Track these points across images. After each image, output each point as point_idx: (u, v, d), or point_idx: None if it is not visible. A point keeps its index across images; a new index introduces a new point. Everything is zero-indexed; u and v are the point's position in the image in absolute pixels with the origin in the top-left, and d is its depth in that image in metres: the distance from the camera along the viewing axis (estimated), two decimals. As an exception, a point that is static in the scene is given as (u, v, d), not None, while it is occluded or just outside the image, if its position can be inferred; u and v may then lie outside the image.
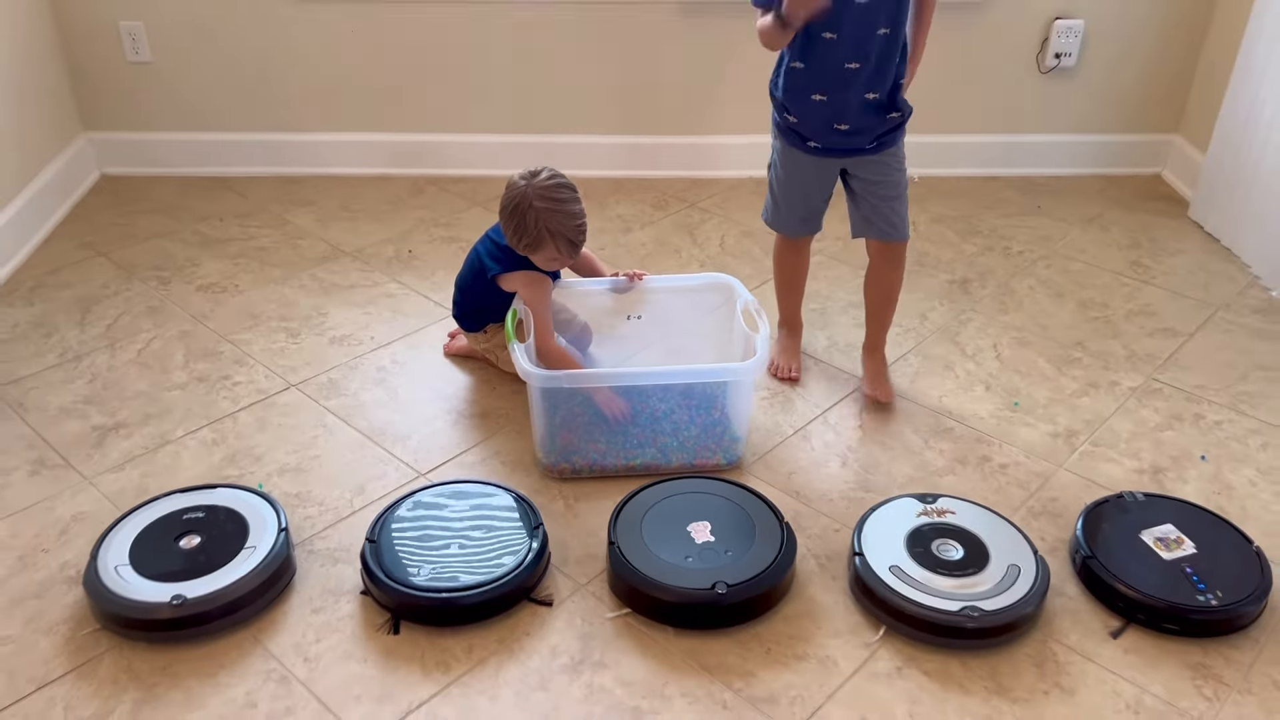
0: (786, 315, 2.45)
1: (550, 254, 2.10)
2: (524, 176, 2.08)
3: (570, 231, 2.07)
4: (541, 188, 2.05)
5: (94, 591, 1.71)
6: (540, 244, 2.07)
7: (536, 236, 2.06)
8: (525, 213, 2.04)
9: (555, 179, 2.08)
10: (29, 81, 2.95)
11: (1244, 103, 2.88)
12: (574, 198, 2.09)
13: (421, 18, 3.14)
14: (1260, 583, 1.77)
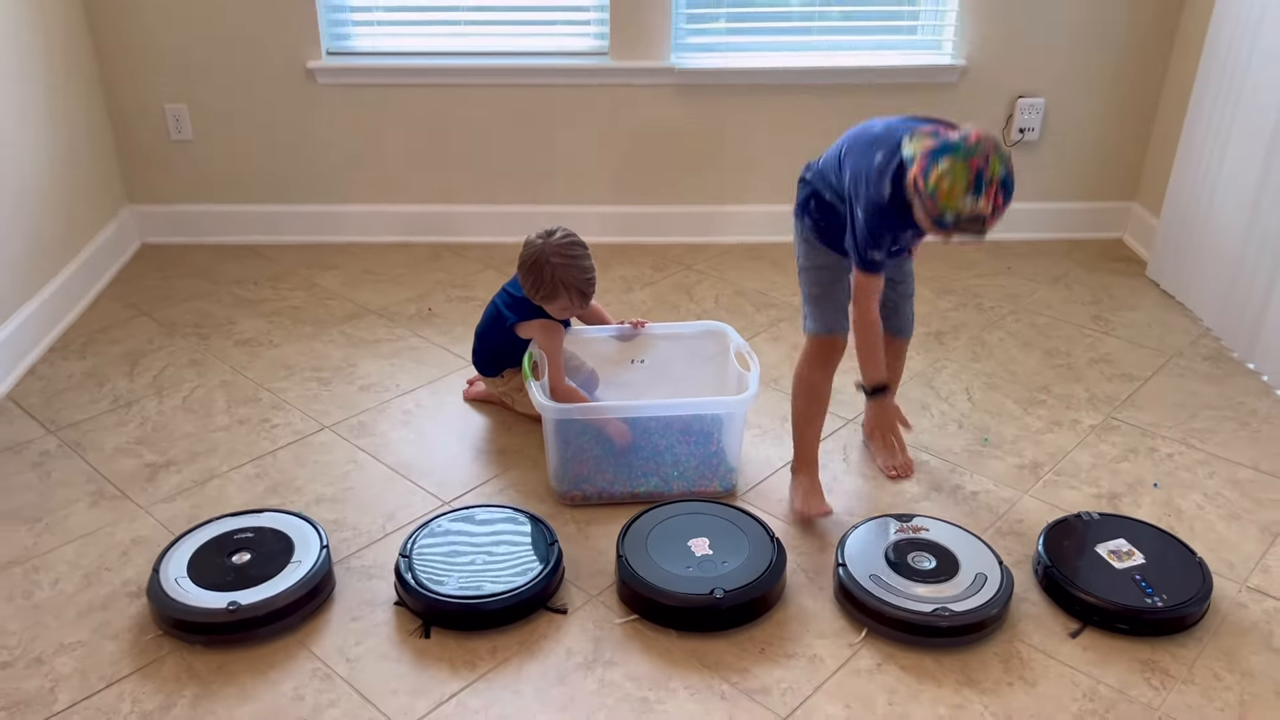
0: (807, 452, 2.27)
1: (564, 304, 2.34)
2: (541, 235, 2.33)
3: (582, 284, 2.32)
4: (557, 245, 2.30)
5: (157, 599, 1.90)
6: (555, 295, 2.32)
7: (552, 289, 2.30)
8: (542, 267, 2.29)
9: (569, 237, 2.33)
10: (81, 158, 3.23)
11: (1190, 173, 3.16)
12: (585, 254, 2.34)
13: (436, 98, 3.44)
14: (1202, 587, 1.97)
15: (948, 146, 1.78)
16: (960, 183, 1.76)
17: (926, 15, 3.49)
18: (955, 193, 1.77)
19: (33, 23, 2.94)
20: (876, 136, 1.99)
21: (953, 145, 1.78)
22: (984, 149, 1.76)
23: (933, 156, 1.79)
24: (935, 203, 1.80)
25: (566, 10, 3.43)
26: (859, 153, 2.00)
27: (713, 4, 3.43)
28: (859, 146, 2.02)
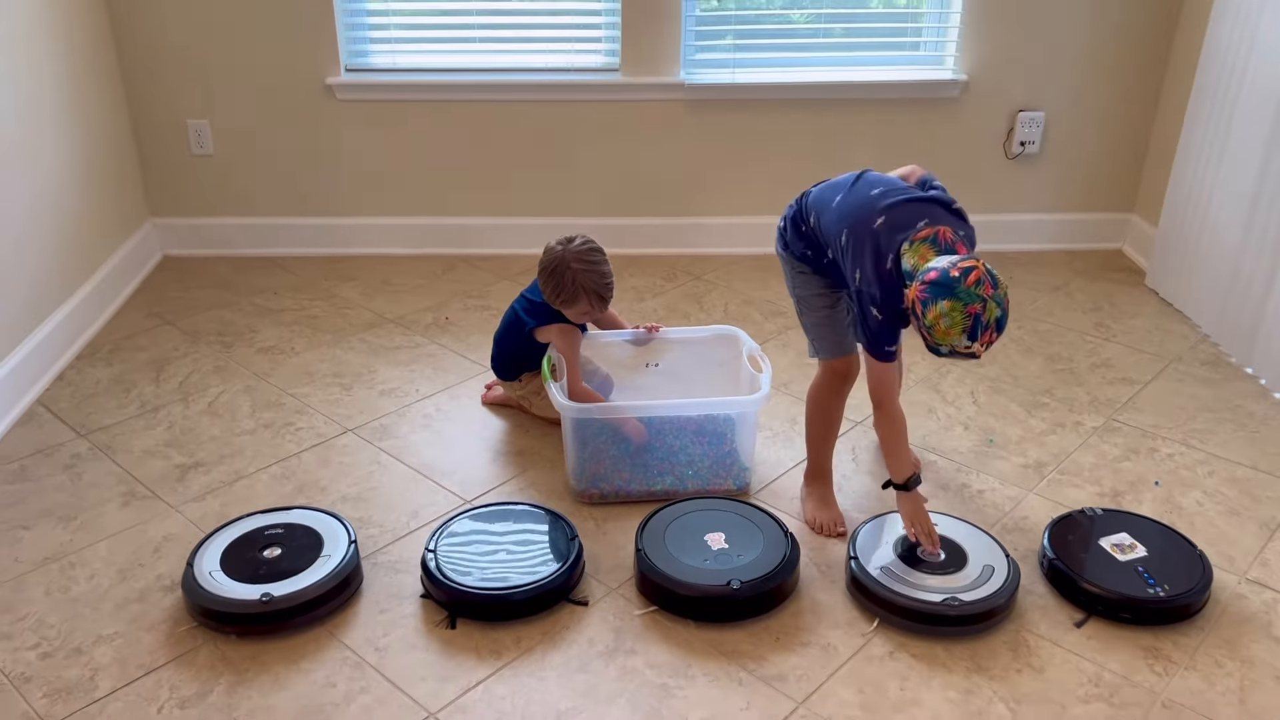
0: (820, 465, 2.32)
1: (583, 308, 2.42)
2: (561, 242, 2.41)
3: (601, 289, 2.40)
4: (577, 251, 2.38)
5: (192, 592, 1.97)
6: (575, 299, 2.39)
7: (573, 293, 2.38)
8: (563, 273, 2.37)
9: (589, 244, 2.41)
10: (107, 173, 3.31)
11: (1186, 185, 3.24)
12: (604, 260, 2.42)
13: (452, 113, 3.53)
14: (1202, 578, 2.04)
15: (947, 286, 1.79)
16: (957, 326, 1.80)
17: (929, 32, 3.59)
18: (951, 334, 1.81)
19: (60, 43, 3.04)
20: (861, 220, 2.01)
21: (952, 286, 1.79)
22: (982, 292, 1.79)
23: (933, 293, 1.81)
24: (931, 336, 1.84)
25: (579, 28, 3.53)
26: (854, 244, 2.01)
27: (721, 22, 3.52)
28: (850, 225, 2.03)
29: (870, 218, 2.00)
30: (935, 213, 2.00)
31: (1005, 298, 1.83)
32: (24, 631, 1.96)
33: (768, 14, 3.57)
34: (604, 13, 3.47)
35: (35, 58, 2.88)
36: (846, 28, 3.58)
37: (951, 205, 2.06)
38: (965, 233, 2.02)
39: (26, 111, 2.83)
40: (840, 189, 2.12)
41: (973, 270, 1.80)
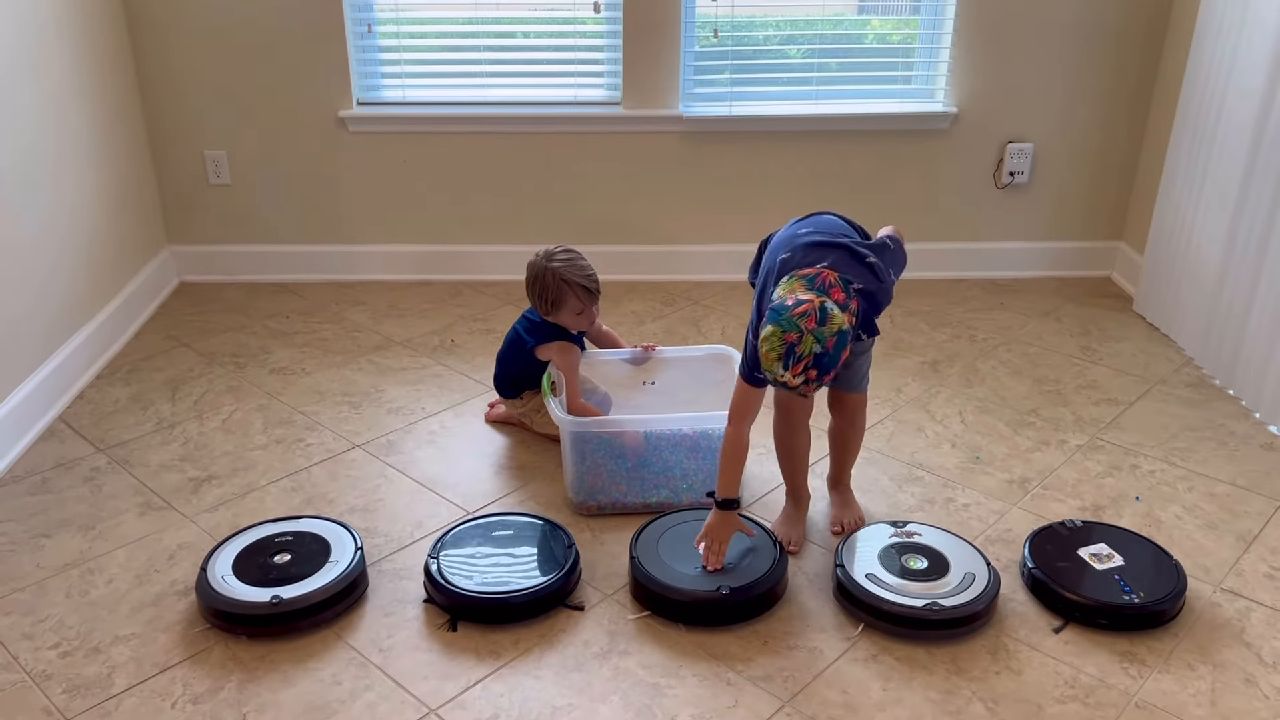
0: (789, 486, 2.40)
1: (573, 306, 2.51)
2: (537, 254, 2.55)
3: (584, 280, 2.50)
4: (552, 253, 2.52)
5: (205, 594, 2.06)
6: (563, 299, 2.49)
7: (558, 292, 2.49)
8: (544, 276, 2.49)
9: (563, 248, 2.54)
10: (128, 202, 3.45)
11: (1170, 214, 3.35)
12: (580, 257, 2.54)
13: (459, 144, 3.66)
14: (1177, 585, 2.11)
15: (776, 313, 1.85)
16: (774, 352, 1.84)
17: (920, 65, 3.72)
18: (770, 359, 1.85)
19: (87, 78, 3.18)
20: (777, 253, 2.08)
21: (779, 313, 1.84)
22: (803, 325, 1.81)
23: (769, 315, 1.87)
24: (759, 359, 1.88)
25: (581, 63, 3.66)
26: (766, 274, 2.08)
27: (719, 57, 3.65)
28: (770, 257, 2.12)
29: (783, 251, 2.06)
30: (839, 258, 2.00)
31: (831, 339, 1.81)
32: (45, 632, 2.05)
33: (765, 49, 3.70)
34: (606, 48, 3.61)
35: (63, 91, 3.02)
36: (841, 62, 3.71)
37: (865, 259, 2.01)
38: (864, 284, 1.98)
39: (55, 143, 2.97)
40: (791, 225, 2.21)
41: (805, 303, 1.84)
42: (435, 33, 3.72)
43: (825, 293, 1.90)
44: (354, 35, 3.56)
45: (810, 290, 1.90)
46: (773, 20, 3.70)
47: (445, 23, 3.71)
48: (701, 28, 3.58)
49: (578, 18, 3.59)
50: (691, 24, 3.57)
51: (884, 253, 2.08)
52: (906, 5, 3.73)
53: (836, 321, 1.85)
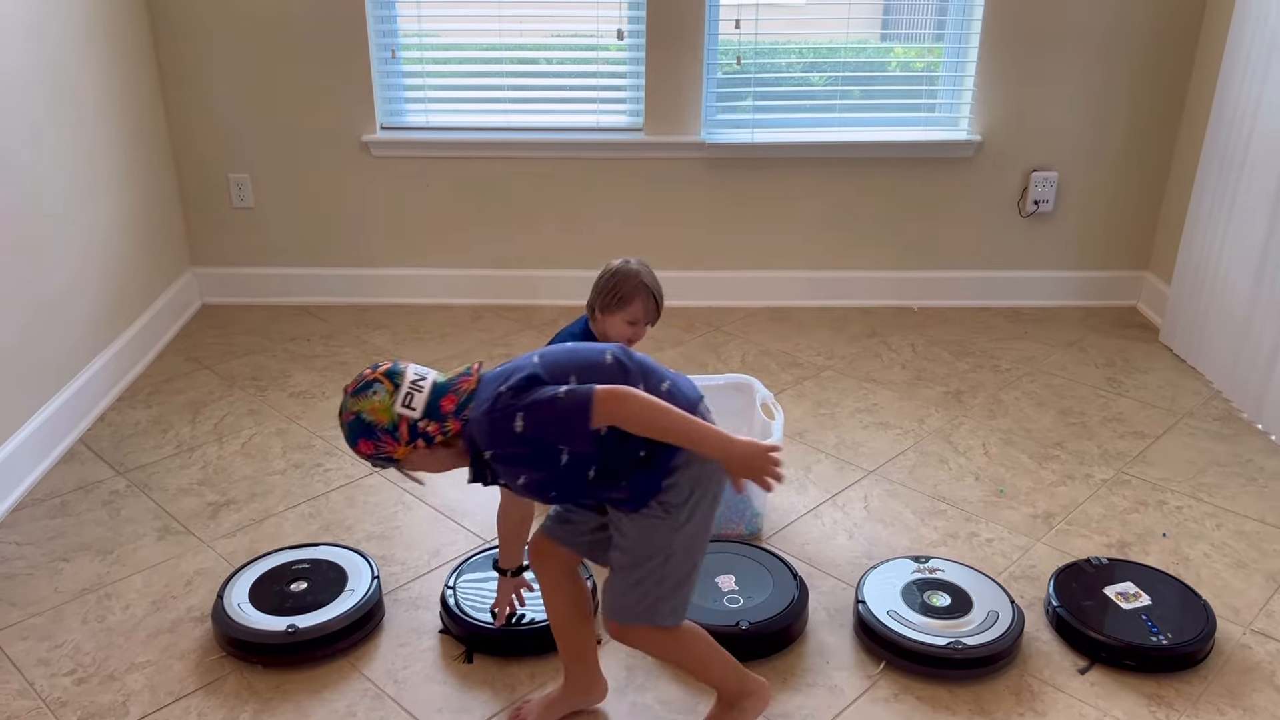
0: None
1: (634, 312, 2.40)
2: (622, 259, 2.45)
3: (658, 291, 2.41)
4: (640, 262, 2.44)
5: (221, 622, 2.05)
6: (631, 299, 2.38)
7: (631, 291, 2.37)
8: (626, 275, 2.39)
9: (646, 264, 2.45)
10: (153, 225, 3.47)
11: (1198, 243, 3.31)
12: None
13: (481, 169, 3.67)
14: (1206, 626, 2.07)
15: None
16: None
17: (944, 94, 3.70)
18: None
19: (117, 103, 3.21)
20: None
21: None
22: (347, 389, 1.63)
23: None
24: None
25: (604, 89, 3.67)
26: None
27: (741, 84, 3.65)
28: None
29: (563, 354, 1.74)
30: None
31: (349, 415, 1.60)
32: (61, 658, 2.05)
33: (787, 76, 3.70)
34: (629, 75, 3.62)
35: (92, 117, 3.05)
36: (864, 90, 3.70)
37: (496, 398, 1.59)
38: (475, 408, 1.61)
39: (83, 168, 2.99)
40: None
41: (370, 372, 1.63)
42: (459, 58, 3.75)
43: (438, 394, 1.61)
44: (378, 60, 3.58)
45: (416, 375, 1.63)
46: (795, 47, 3.70)
47: (469, 48, 3.73)
48: (724, 54, 3.58)
49: (601, 44, 3.60)
50: (714, 51, 3.57)
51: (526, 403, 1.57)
52: (930, 33, 3.72)
53: (368, 405, 1.59)
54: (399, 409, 1.59)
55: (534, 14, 3.61)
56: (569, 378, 1.58)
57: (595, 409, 1.52)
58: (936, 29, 3.68)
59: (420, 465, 1.67)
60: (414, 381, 1.62)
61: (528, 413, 1.53)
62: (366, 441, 1.62)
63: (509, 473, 1.64)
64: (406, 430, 1.60)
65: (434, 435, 1.61)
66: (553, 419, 1.54)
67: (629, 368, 1.64)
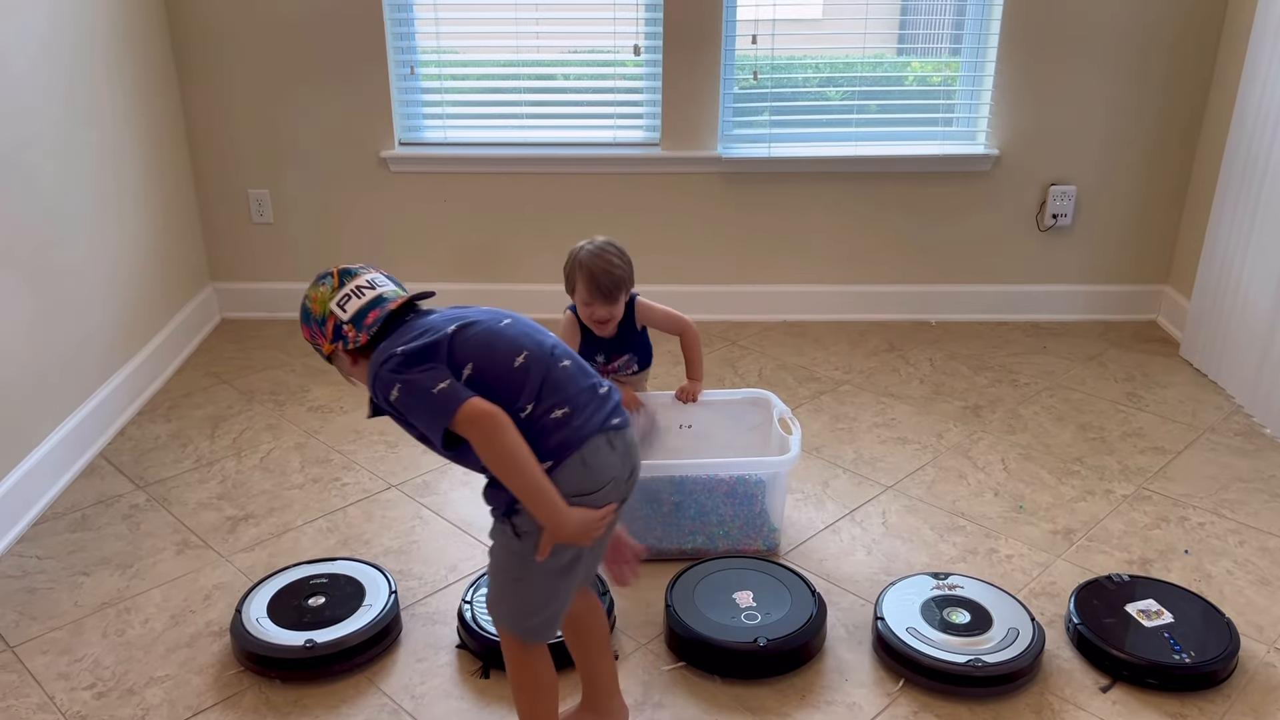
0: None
1: (580, 295, 2.43)
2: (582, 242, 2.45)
3: (597, 271, 2.37)
4: (593, 243, 2.44)
5: (239, 637, 2.06)
6: (572, 283, 2.44)
7: (571, 272, 2.43)
8: (569, 258, 2.44)
9: (608, 241, 2.44)
10: (173, 240, 3.50)
11: (1218, 256, 3.29)
12: (615, 255, 2.41)
13: (498, 184, 3.69)
14: (1229, 645, 2.04)
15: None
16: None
17: (961, 108, 3.70)
18: None
19: (139, 119, 3.25)
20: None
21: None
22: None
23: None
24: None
25: (621, 104, 3.69)
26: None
27: (758, 99, 3.66)
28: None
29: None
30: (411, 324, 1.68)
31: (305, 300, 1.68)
32: (81, 672, 2.06)
33: (804, 91, 3.70)
34: (645, 90, 3.63)
35: (113, 134, 3.09)
36: (881, 104, 3.70)
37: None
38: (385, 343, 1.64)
39: (105, 184, 3.02)
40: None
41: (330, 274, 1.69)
42: (477, 74, 3.77)
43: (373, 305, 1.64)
44: (397, 77, 3.61)
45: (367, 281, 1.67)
46: (812, 62, 3.71)
47: (487, 64, 3.76)
48: (741, 69, 3.59)
49: (618, 59, 3.62)
50: (731, 66, 3.58)
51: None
52: (947, 47, 3.72)
53: (313, 293, 1.67)
54: (333, 306, 1.64)
55: (551, 30, 3.63)
56: (466, 365, 1.56)
57: (456, 422, 1.50)
58: (953, 43, 3.68)
59: (346, 370, 1.71)
60: (359, 286, 1.66)
61: (404, 388, 1.53)
62: (304, 328, 1.69)
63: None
64: (332, 328, 1.64)
65: (350, 342, 1.64)
66: (420, 408, 1.53)
67: (528, 377, 1.58)
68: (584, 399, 1.61)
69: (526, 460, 1.51)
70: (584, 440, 1.58)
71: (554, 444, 1.56)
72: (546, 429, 1.56)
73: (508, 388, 1.56)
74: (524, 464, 1.51)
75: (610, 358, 2.59)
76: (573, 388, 1.61)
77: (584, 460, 1.58)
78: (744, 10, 3.51)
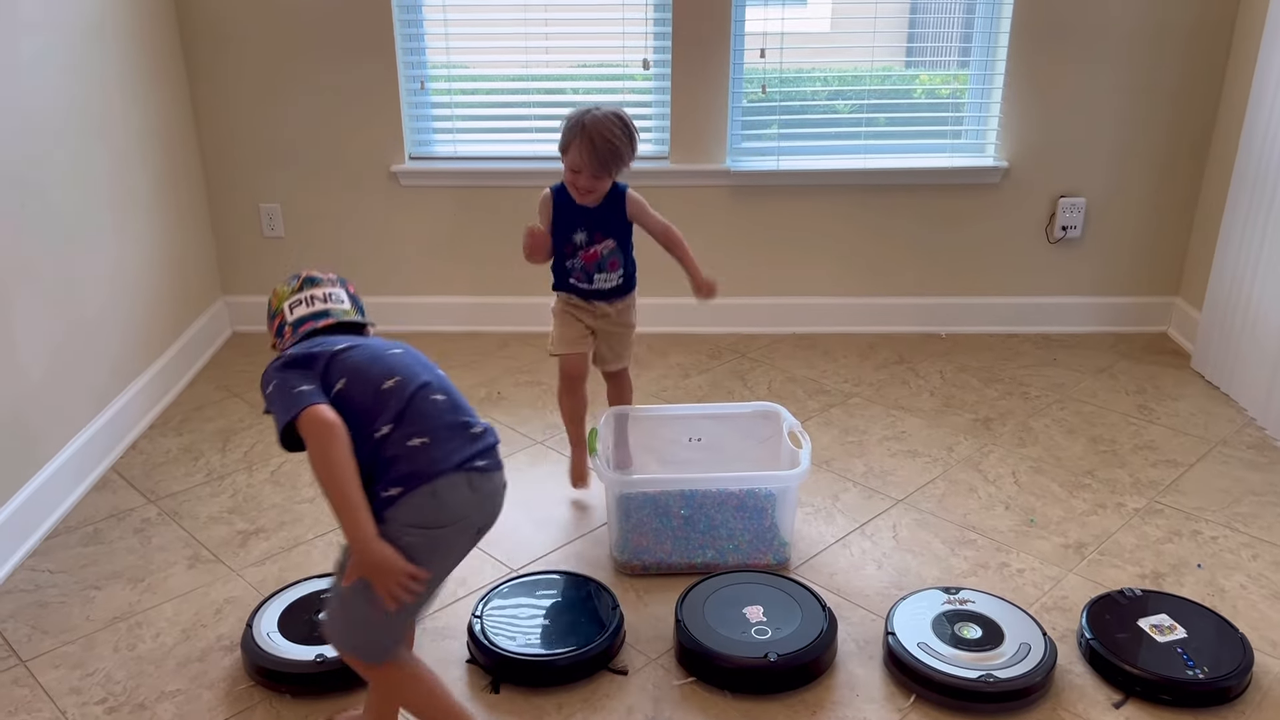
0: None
1: (573, 158, 2.35)
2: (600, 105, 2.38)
3: (597, 138, 2.29)
4: (602, 110, 2.35)
5: (250, 651, 2.06)
6: (567, 146, 2.37)
7: (568, 137, 2.35)
8: (571, 119, 2.35)
9: (618, 110, 2.36)
10: (186, 254, 3.52)
11: (1229, 268, 3.28)
12: (622, 127, 2.34)
13: (507, 197, 3.70)
14: (1243, 660, 2.03)
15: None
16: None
17: (970, 120, 3.70)
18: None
19: (147, 132, 3.27)
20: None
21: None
22: None
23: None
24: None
25: (631, 118, 3.69)
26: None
27: (766, 112, 3.67)
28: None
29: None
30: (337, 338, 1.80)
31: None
32: (93, 686, 2.06)
33: (812, 104, 3.71)
34: (654, 104, 3.64)
35: (125, 147, 3.11)
36: (889, 117, 3.70)
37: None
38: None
39: (117, 197, 3.05)
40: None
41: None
42: (486, 89, 3.79)
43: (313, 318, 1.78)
44: (407, 91, 3.63)
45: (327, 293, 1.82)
46: (820, 75, 3.71)
47: (496, 79, 3.77)
48: (749, 83, 3.60)
49: (627, 74, 3.63)
50: (739, 79, 3.59)
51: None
52: (955, 59, 3.72)
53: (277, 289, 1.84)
54: (285, 305, 1.79)
55: (561, 45, 3.64)
56: (339, 381, 1.64)
57: (299, 422, 1.57)
58: (961, 55, 3.69)
59: None
60: (313, 296, 1.79)
61: (275, 385, 1.63)
62: (268, 317, 1.83)
63: None
64: (276, 326, 1.80)
65: (281, 342, 1.77)
66: (276, 403, 1.62)
67: (391, 400, 1.62)
68: (447, 434, 1.65)
69: (346, 478, 1.55)
70: (439, 474, 1.61)
71: (406, 471, 1.60)
72: (401, 455, 1.60)
73: (371, 407, 1.62)
74: (342, 480, 1.55)
75: (593, 237, 2.54)
76: (437, 421, 1.65)
77: (435, 492, 1.61)
78: (752, 24, 3.52)
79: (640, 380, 3.43)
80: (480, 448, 1.70)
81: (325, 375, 1.64)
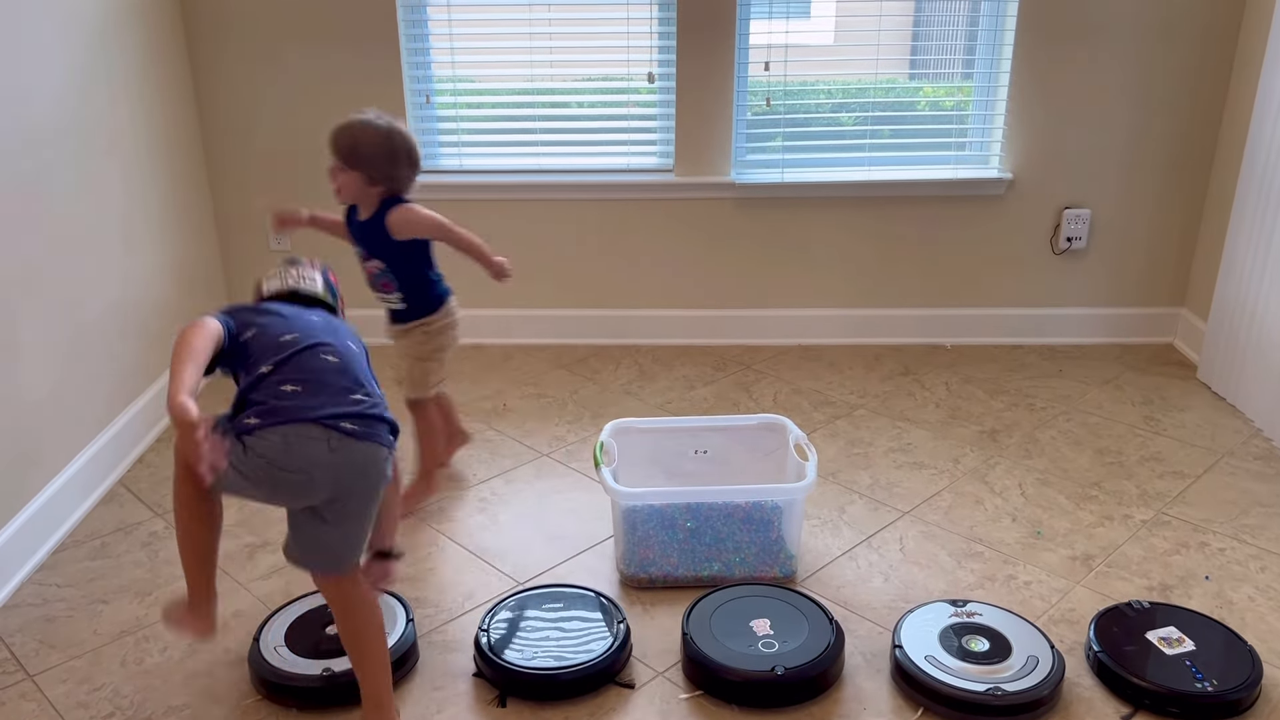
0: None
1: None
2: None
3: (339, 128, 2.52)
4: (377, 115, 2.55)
5: (257, 665, 2.06)
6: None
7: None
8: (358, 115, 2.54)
9: (390, 119, 2.56)
10: (194, 268, 3.54)
11: (1235, 278, 3.28)
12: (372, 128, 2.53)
13: (513, 211, 3.71)
14: (1252, 673, 2.02)
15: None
16: None
17: (974, 132, 3.70)
18: None
19: (156, 151, 3.29)
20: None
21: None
22: None
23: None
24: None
25: (635, 131, 3.71)
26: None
27: (771, 125, 3.68)
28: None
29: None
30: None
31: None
32: (100, 701, 2.06)
33: (817, 116, 3.72)
34: (659, 116, 3.66)
35: (135, 167, 3.13)
36: (894, 129, 3.71)
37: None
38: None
39: (127, 216, 3.06)
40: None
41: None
42: (491, 103, 3.80)
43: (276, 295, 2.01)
44: (412, 106, 3.64)
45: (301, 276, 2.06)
46: (824, 87, 3.73)
47: (501, 93, 3.79)
48: (754, 95, 3.61)
49: (632, 87, 3.65)
50: (744, 92, 3.60)
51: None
52: (959, 71, 3.73)
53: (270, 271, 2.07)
54: (264, 278, 2.02)
55: (566, 58, 3.66)
56: (250, 329, 1.82)
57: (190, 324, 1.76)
58: (965, 67, 3.70)
59: None
60: (290, 274, 2.02)
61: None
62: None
63: None
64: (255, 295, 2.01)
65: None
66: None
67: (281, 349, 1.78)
68: (320, 388, 1.75)
69: (187, 355, 1.69)
70: (296, 420, 1.70)
71: (269, 407, 1.71)
72: (271, 394, 1.72)
73: (264, 350, 1.78)
74: (183, 354, 1.69)
75: (365, 253, 2.74)
76: (318, 376, 1.77)
77: (285, 436, 1.70)
78: (756, 37, 3.53)
79: (645, 392, 3.43)
80: (352, 411, 1.76)
81: (241, 320, 1.82)
